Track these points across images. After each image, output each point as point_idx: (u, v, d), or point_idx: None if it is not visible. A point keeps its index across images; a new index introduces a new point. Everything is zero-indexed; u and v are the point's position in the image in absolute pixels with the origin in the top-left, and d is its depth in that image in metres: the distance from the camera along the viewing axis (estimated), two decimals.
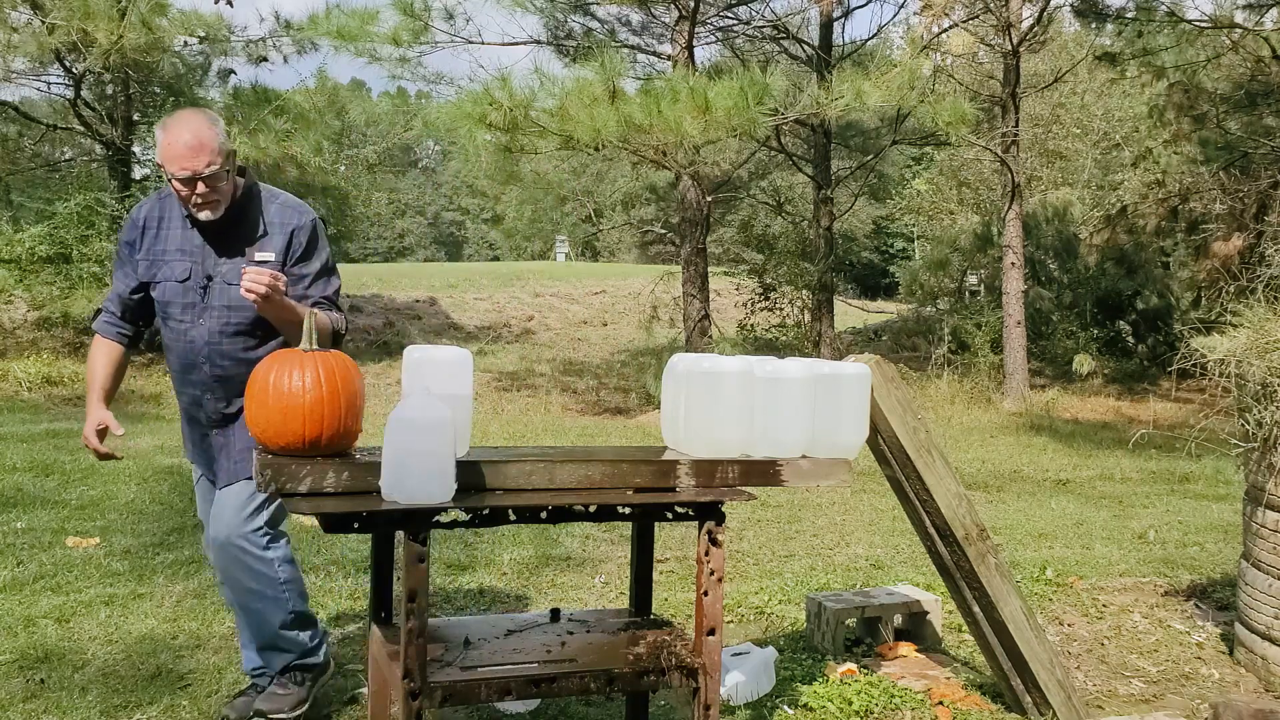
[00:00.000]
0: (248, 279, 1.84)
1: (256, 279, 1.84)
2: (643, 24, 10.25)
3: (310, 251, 2.05)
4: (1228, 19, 9.46)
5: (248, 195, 2.03)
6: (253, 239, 2.02)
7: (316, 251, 2.06)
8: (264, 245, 2.02)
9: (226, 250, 2.01)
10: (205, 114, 1.95)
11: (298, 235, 2.03)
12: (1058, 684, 2.25)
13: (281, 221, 2.04)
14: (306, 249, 2.05)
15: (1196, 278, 10.32)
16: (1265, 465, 2.60)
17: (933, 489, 2.11)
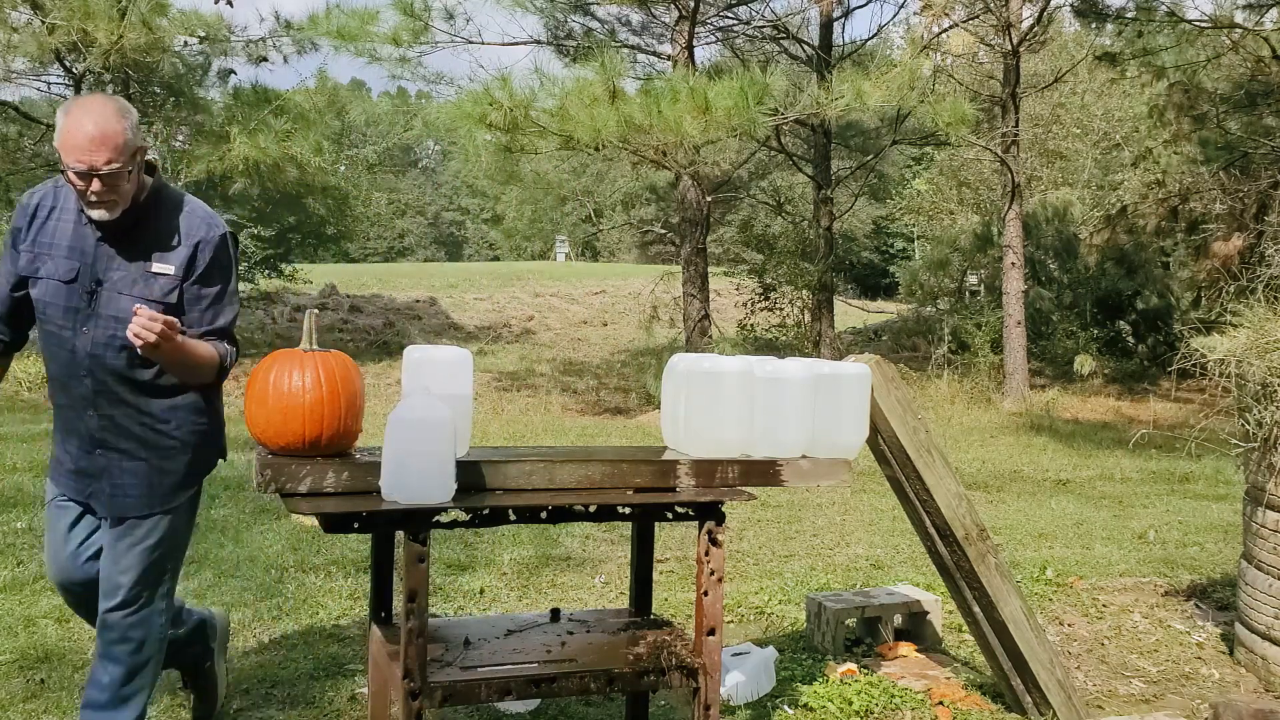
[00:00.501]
0: (138, 324, 1.63)
1: (148, 327, 1.62)
2: (643, 24, 10.26)
3: (214, 271, 1.81)
4: (1228, 19, 9.46)
5: (155, 198, 1.79)
6: (154, 248, 1.78)
7: (221, 272, 1.82)
8: (165, 256, 1.78)
9: (123, 255, 1.77)
10: (116, 104, 1.71)
11: (203, 250, 1.79)
12: (1058, 684, 2.25)
13: (188, 232, 1.80)
14: (210, 268, 1.80)
15: (1196, 278, 10.32)
16: (1265, 465, 2.60)
17: (933, 489, 2.11)
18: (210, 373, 1.80)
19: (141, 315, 1.64)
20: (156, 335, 1.64)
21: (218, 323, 1.81)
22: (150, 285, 1.76)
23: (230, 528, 3.80)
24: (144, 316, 1.64)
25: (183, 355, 1.73)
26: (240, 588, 3.08)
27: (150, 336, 1.64)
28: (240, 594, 3.02)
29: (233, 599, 2.97)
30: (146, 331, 1.63)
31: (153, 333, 1.63)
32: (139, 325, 1.64)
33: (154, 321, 1.64)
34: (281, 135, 9.33)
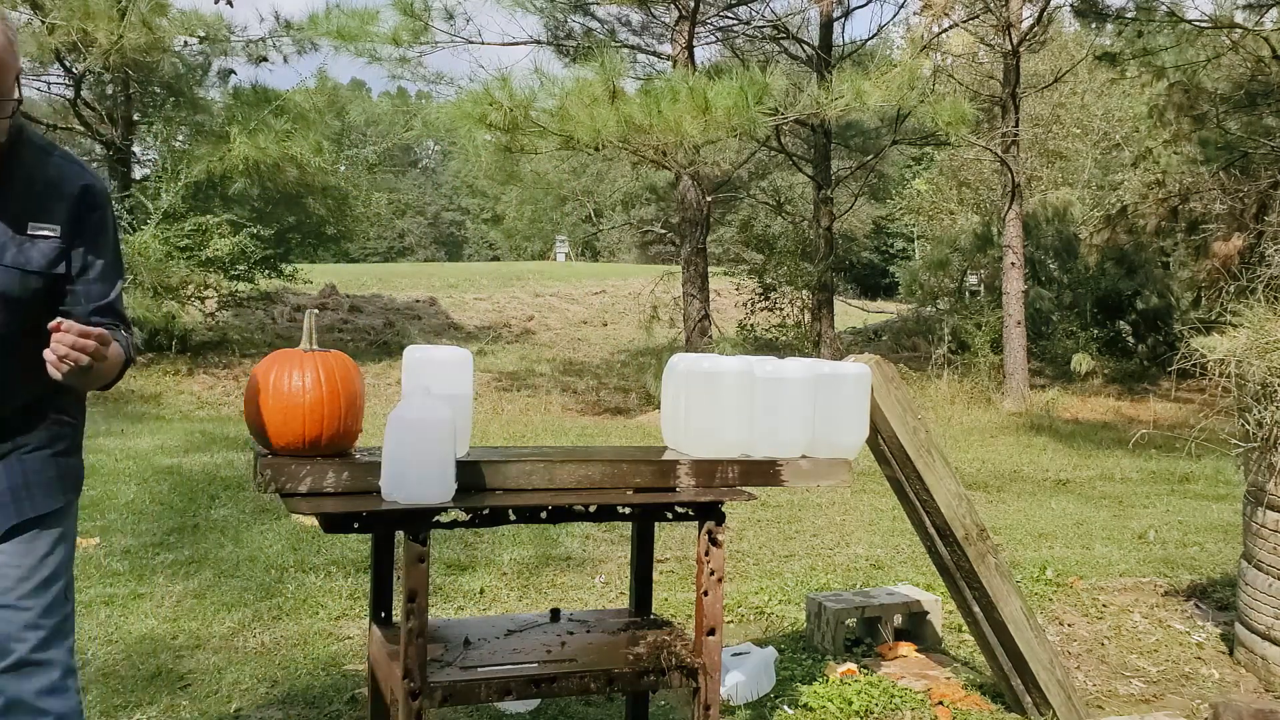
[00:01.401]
0: (64, 347, 1.22)
1: (80, 347, 1.23)
2: (643, 24, 10.26)
3: (101, 230, 1.40)
4: (1228, 19, 9.46)
5: (20, 140, 1.36)
6: (26, 203, 1.35)
7: (110, 233, 1.42)
8: (42, 213, 1.35)
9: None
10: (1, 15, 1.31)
11: (87, 202, 1.37)
12: (1058, 684, 2.25)
13: (66, 182, 1.37)
14: (98, 226, 1.39)
15: (1196, 278, 10.32)
16: (1265, 465, 2.60)
17: (933, 489, 2.11)
18: (114, 375, 1.39)
19: (67, 334, 1.22)
20: (90, 356, 1.23)
21: (110, 297, 1.41)
22: (27, 251, 1.33)
23: (230, 528, 3.80)
24: (71, 335, 1.22)
25: (108, 372, 1.34)
26: (240, 588, 3.08)
27: (83, 359, 1.23)
28: (240, 594, 3.02)
29: (233, 599, 2.97)
30: (77, 354, 1.22)
31: (86, 353, 1.23)
32: (66, 347, 1.22)
33: (86, 339, 1.22)
34: (281, 135, 9.33)
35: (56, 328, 1.23)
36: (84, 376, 1.28)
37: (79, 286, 1.39)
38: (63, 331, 1.23)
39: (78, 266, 1.38)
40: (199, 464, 5.05)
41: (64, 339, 1.23)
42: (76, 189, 1.37)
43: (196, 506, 4.15)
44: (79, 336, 1.23)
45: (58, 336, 1.22)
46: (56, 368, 1.23)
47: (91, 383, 1.36)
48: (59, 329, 1.23)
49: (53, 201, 1.36)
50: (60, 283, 1.37)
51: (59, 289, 1.37)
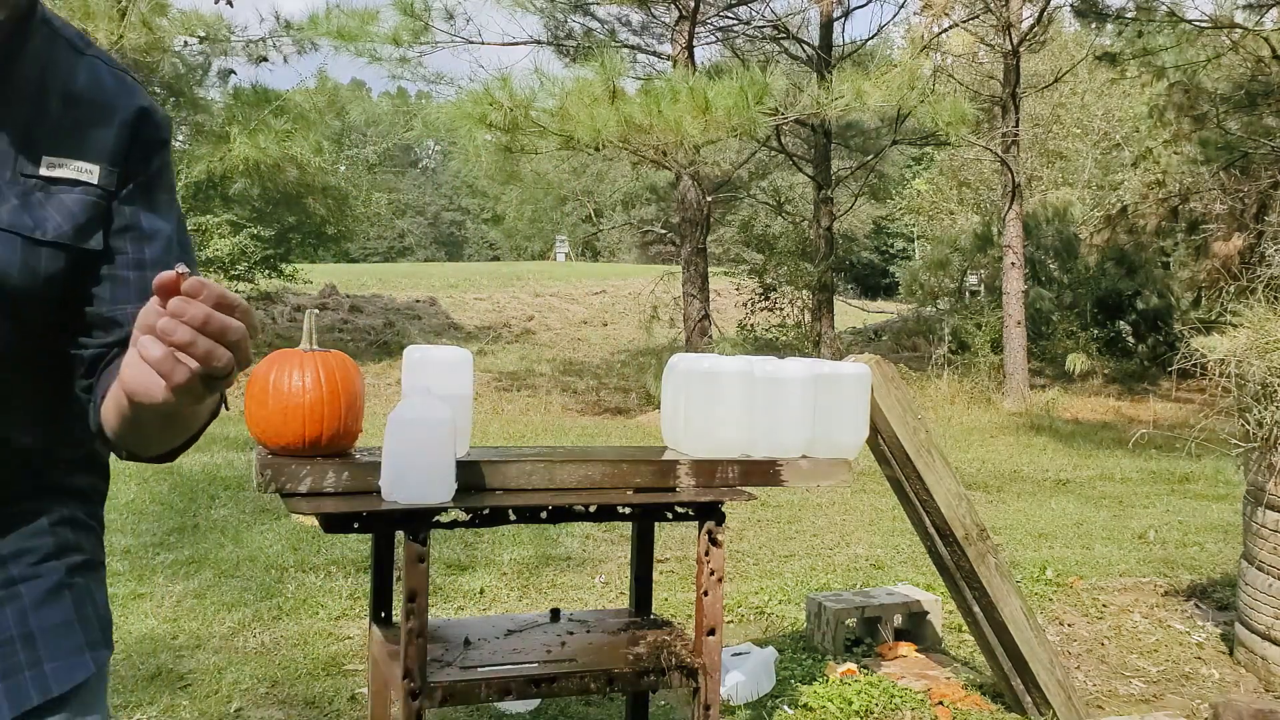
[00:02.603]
0: (186, 315, 0.58)
1: (220, 325, 0.58)
2: (643, 24, 10.26)
3: (166, 181, 0.83)
4: (1228, 19, 9.46)
5: (27, 20, 0.77)
6: (38, 126, 0.76)
7: (172, 184, 0.85)
8: (66, 144, 0.76)
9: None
10: None
11: (145, 134, 0.80)
12: (1058, 684, 2.25)
13: (103, 94, 0.78)
14: (159, 173, 0.81)
15: (1197, 278, 10.32)
16: (1265, 465, 2.60)
17: (933, 489, 2.11)
18: (214, 409, 0.76)
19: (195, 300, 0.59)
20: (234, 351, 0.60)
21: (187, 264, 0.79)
22: (37, 206, 0.73)
23: (230, 528, 3.80)
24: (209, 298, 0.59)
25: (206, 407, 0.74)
26: (240, 588, 3.08)
27: (223, 359, 0.60)
28: (240, 594, 3.02)
29: (233, 599, 2.97)
30: (214, 346, 0.59)
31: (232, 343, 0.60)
32: (194, 329, 0.58)
33: (231, 309, 0.60)
34: (281, 135, 9.34)
35: (172, 284, 0.58)
36: (196, 400, 0.61)
37: (128, 272, 0.76)
38: (187, 295, 0.58)
39: (128, 238, 0.76)
40: (199, 464, 5.04)
41: (192, 309, 0.57)
42: (130, 111, 0.77)
43: (196, 506, 4.15)
44: (222, 304, 0.58)
45: (178, 305, 0.57)
46: (169, 377, 0.58)
47: (188, 422, 0.71)
48: (175, 286, 0.58)
49: (88, 126, 0.75)
50: (91, 265, 0.75)
51: (87, 276, 0.75)
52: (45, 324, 0.76)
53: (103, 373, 0.77)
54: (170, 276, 0.58)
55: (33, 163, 0.74)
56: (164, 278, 0.58)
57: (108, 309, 0.77)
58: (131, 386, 0.61)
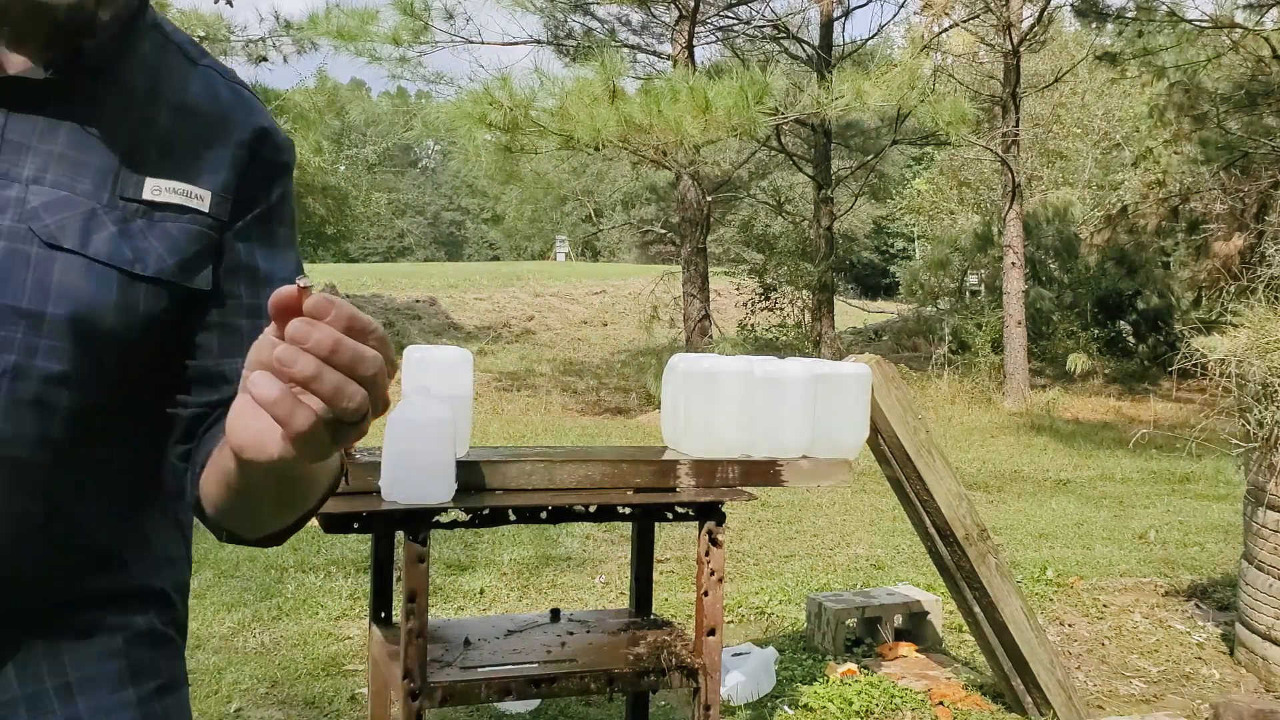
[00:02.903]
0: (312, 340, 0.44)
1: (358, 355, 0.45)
2: (643, 24, 10.26)
3: (287, 213, 0.70)
4: (1228, 19, 9.45)
5: (135, 23, 0.64)
6: (144, 144, 0.62)
7: (293, 218, 0.72)
8: (179, 162, 0.63)
9: (61, 158, 0.60)
10: None
11: (265, 156, 0.67)
12: (1058, 684, 2.25)
13: (219, 109, 0.66)
14: (281, 203, 0.68)
15: (1197, 277, 10.32)
16: (1266, 465, 2.60)
17: (933, 489, 2.11)
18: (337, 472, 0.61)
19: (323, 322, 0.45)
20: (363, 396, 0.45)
21: None
22: (138, 236, 0.61)
23: None
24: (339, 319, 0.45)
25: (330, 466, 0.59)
26: (240, 588, 3.08)
27: (355, 401, 0.45)
28: (240, 594, 3.02)
29: (233, 599, 2.97)
30: (352, 388, 0.45)
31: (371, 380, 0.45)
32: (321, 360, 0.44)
33: (366, 334, 0.45)
34: None
35: (292, 302, 0.45)
36: (319, 454, 0.47)
37: (240, 320, 0.64)
38: (311, 316, 0.45)
39: (240, 280, 0.65)
40: None
41: (317, 334, 0.45)
42: (249, 130, 0.66)
43: None
44: (353, 328, 0.46)
45: (299, 330, 0.44)
46: (287, 422, 0.45)
47: (305, 489, 0.58)
48: (297, 304, 0.45)
49: (200, 145, 0.64)
50: (196, 308, 0.63)
51: (191, 322, 0.63)
52: (139, 378, 0.61)
53: (204, 437, 0.63)
54: (290, 292, 0.44)
55: (135, 185, 0.61)
56: (282, 294, 0.44)
57: (214, 361, 0.63)
58: (240, 439, 0.47)
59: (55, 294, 0.57)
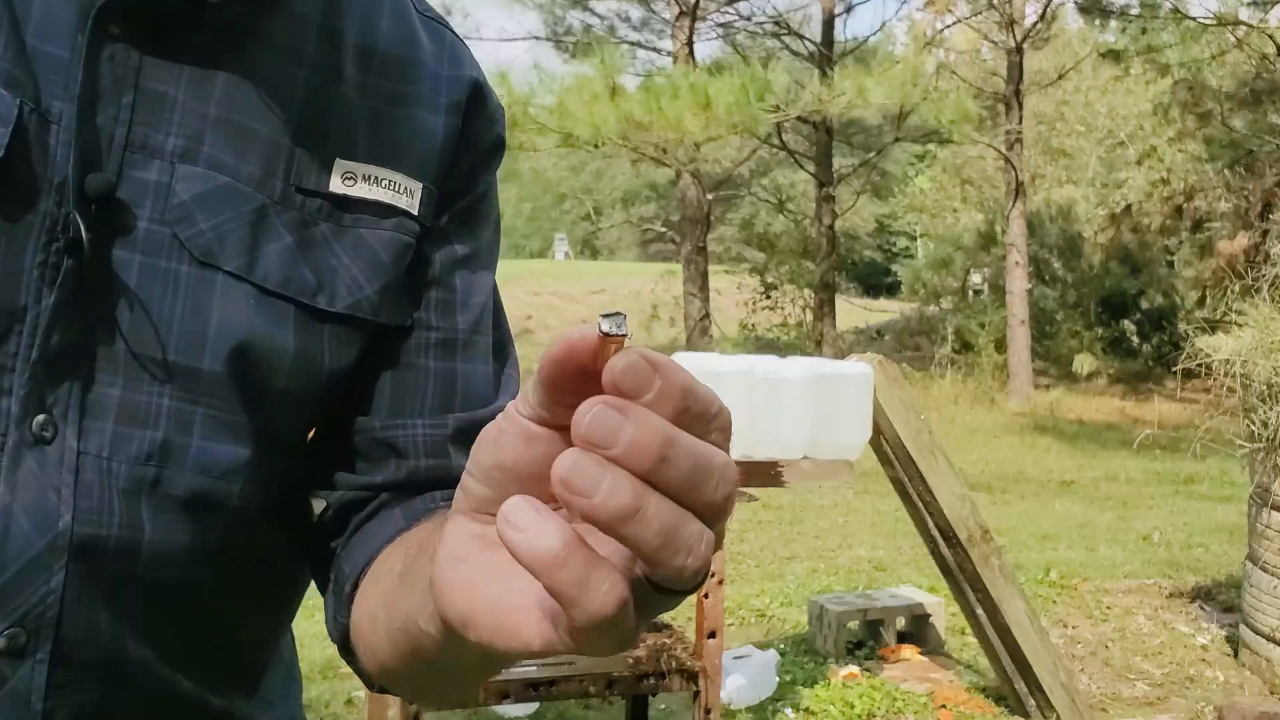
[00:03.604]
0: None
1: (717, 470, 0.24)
2: (643, 20, 10.25)
3: (491, 196, 0.49)
4: (1232, 16, 9.41)
5: None
6: (336, 101, 0.43)
7: (494, 202, 0.49)
8: (377, 136, 0.43)
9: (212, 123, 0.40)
10: None
11: (479, 124, 0.47)
12: (1062, 687, 2.22)
13: (427, 59, 0.46)
14: (489, 191, 0.48)
15: (1201, 276, 10.29)
16: (1271, 466, 2.58)
17: (936, 490, 2.09)
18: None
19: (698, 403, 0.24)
20: (709, 539, 0.24)
21: (505, 341, 0.50)
22: (325, 247, 0.42)
23: None
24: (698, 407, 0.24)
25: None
26: None
27: (696, 559, 0.24)
28: None
29: None
30: (699, 544, 0.24)
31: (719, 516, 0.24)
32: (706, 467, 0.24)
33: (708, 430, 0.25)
34: None
35: (584, 358, 0.25)
36: (619, 644, 0.27)
37: (428, 361, 0.46)
38: (619, 390, 0.24)
39: (431, 303, 0.47)
40: None
41: (634, 430, 0.23)
42: (461, 87, 0.48)
43: None
44: (690, 413, 0.24)
45: (605, 421, 0.23)
46: (574, 603, 0.24)
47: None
48: (591, 360, 0.25)
49: (401, 110, 0.46)
50: (379, 350, 0.45)
51: (365, 368, 0.45)
52: (293, 461, 0.44)
53: (356, 535, 0.43)
54: (583, 343, 0.25)
55: (318, 170, 0.41)
56: (572, 346, 0.25)
57: (382, 423, 0.44)
58: (467, 610, 0.28)
59: (214, 338, 0.39)
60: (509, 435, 0.27)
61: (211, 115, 0.40)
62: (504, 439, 0.27)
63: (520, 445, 0.26)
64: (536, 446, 0.26)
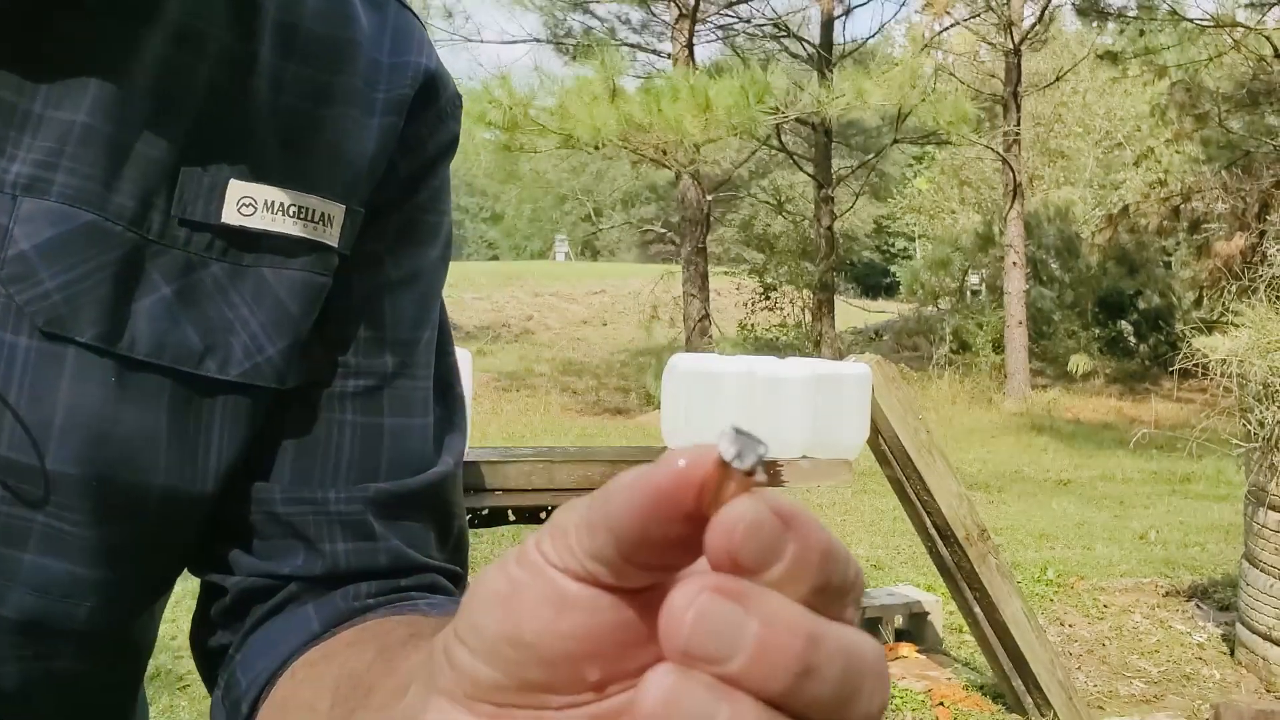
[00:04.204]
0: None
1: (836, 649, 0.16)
2: (643, 22, 10.27)
3: (440, 201, 0.41)
4: (1229, 18, 9.45)
5: None
6: (225, 100, 0.33)
7: (443, 209, 0.42)
8: (290, 148, 0.34)
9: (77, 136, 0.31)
10: None
11: (428, 121, 0.38)
12: (1059, 685, 2.24)
13: (364, 43, 0.35)
14: (437, 195, 0.41)
15: (1198, 277, 10.32)
16: (1267, 465, 2.59)
17: (934, 489, 2.10)
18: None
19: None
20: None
21: (444, 367, 0.41)
22: (218, 298, 0.33)
23: None
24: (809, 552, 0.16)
25: None
26: None
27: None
28: None
29: None
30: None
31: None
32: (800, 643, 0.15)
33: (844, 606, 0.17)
34: None
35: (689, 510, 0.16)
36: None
37: (347, 415, 0.37)
38: (737, 560, 0.16)
39: (353, 341, 0.37)
40: None
41: (764, 628, 0.15)
42: (407, 80, 0.37)
43: None
44: (829, 579, 0.16)
45: (724, 616, 0.15)
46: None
47: None
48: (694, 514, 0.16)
49: (327, 110, 0.35)
50: (297, 402, 0.36)
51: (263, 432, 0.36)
52: (172, 572, 0.37)
53: (257, 633, 0.36)
54: (696, 476, 0.16)
55: (207, 195, 0.33)
56: (679, 481, 0.16)
57: (284, 495, 0.36)
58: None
59: (62, 430, 0.31)
60: (531, 597, 0.17)
61: (80, 126, 0.30)
62: (523, 602, 0.17)
63: (549, 613, 0.17)
64: (574, 615, 0.17)
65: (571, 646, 0.17)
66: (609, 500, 0.16)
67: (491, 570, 0.18)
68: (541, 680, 0.17)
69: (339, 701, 0.28)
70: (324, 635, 0.33)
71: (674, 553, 0.16)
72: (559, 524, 0.17)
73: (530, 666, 0.17)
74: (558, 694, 0.17)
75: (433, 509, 0.37)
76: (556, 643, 0.17)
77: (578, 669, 0.17)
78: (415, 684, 0.21)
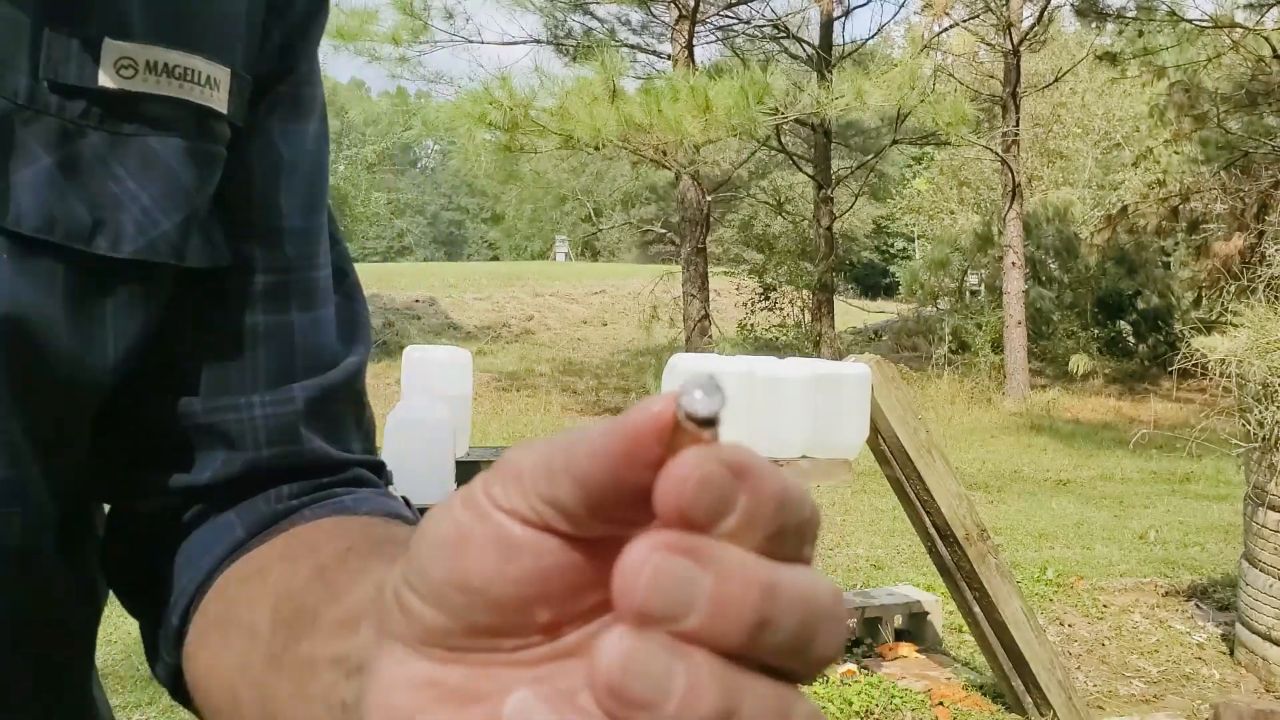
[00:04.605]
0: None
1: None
2: (643, 23, 10.28)
3: (315, 78, 0.36)
4: (1228, 18, 9.46)
5: None
6: None
7: (317, 85, 0.37)
8: (154, 14, 0.30)
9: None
10: None
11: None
12: (1058, 684, 2.24)
13: None
14: (313, 70, 0.36)
15: (1197, 277, 10.32)
16: (1266, 465, 2.60)
17: (933, 489, 2.11)
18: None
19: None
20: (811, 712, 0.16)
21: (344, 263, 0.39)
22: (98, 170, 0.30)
23: None
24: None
25: None
26: None
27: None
28: None
29: None
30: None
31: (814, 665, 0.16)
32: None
33: (803, 546, 0.17)
34: None
35: (644, 459, 0.16)
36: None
37: (257, 317, 0.35)
38: (689, 513, 0.16)
39: (253, 234, 0.35)
40: None
41: (718, 583, 0.15)
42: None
43: None
44: (785, 522, 0.17)
45: (677, 572, 0.15)
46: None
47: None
48: (641, 472, 0.16)
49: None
50: (186, 304, 0.34)
51: (169, 329, 0.34)
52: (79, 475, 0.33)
53: (179, 552, 0.35)
54: (657, 428, 0.16)
55: (81, 56, 0.30)
56: (638, 432, 0.16)
57: (205, 406, 0.34)
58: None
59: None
60: (479, 542, 0.17)
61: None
62: (470, 547, 0.17)
63: (496, 558, 0.17)
64: (522, 560, 0.17)
65: (520, 591, 0.17)
66: (576, 448, 0.16)
67: (438, 513, 0.18)
68: (492, 624, 0.17)
69: (280, 624, 0.27)
70: (250, 542, 0.32)
71: (637, 506, 0.16)
72: (512, 465, 0.17)
73: (479, 611, 0.17)
74: (509, 637, 0.18)
75: (350, 401, 0.36)
76: (505, 587, 0.17)
77: (528, 612, 0.17)
78: (366, 624, 0.21)
